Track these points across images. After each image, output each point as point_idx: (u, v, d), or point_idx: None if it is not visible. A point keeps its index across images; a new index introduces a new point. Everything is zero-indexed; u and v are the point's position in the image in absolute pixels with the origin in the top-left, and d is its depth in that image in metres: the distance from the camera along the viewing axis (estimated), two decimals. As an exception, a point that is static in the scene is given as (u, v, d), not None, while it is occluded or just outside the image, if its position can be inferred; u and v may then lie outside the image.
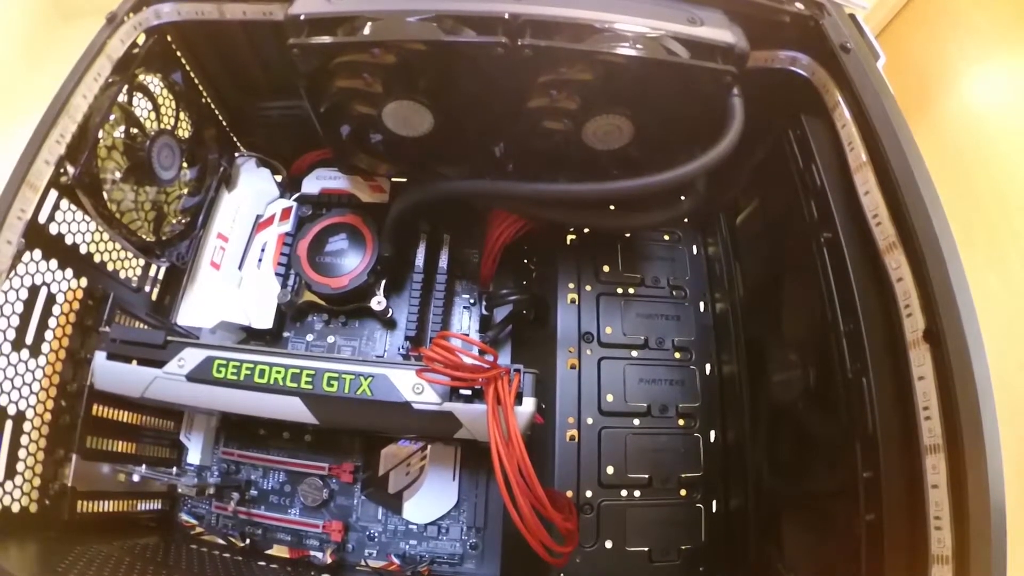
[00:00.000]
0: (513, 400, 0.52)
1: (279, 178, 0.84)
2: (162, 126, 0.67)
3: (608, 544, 0.65)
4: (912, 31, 1.20)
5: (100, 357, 0.58)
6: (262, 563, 0.65)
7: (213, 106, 0.77)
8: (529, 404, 0.56)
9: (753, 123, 0.56)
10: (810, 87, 0.58)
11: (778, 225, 0.67)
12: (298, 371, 0.56)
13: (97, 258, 0.63)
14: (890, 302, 0.46)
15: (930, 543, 0.40)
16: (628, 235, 0.79)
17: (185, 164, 0.72)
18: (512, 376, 0.54)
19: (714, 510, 0.68)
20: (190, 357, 0.57)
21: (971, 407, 0.39)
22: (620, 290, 0.76)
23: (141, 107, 0.65)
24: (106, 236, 0.64)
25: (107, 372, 0.58)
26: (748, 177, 0.71)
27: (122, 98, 0.61)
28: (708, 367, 0.74)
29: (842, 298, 0.52)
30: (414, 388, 0.55)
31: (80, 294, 0.60)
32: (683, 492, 0.68)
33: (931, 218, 0.43)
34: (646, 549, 0.65)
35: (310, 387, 0.55)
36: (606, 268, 0.77)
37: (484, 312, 0.78)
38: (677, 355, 0.74)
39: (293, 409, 0.56)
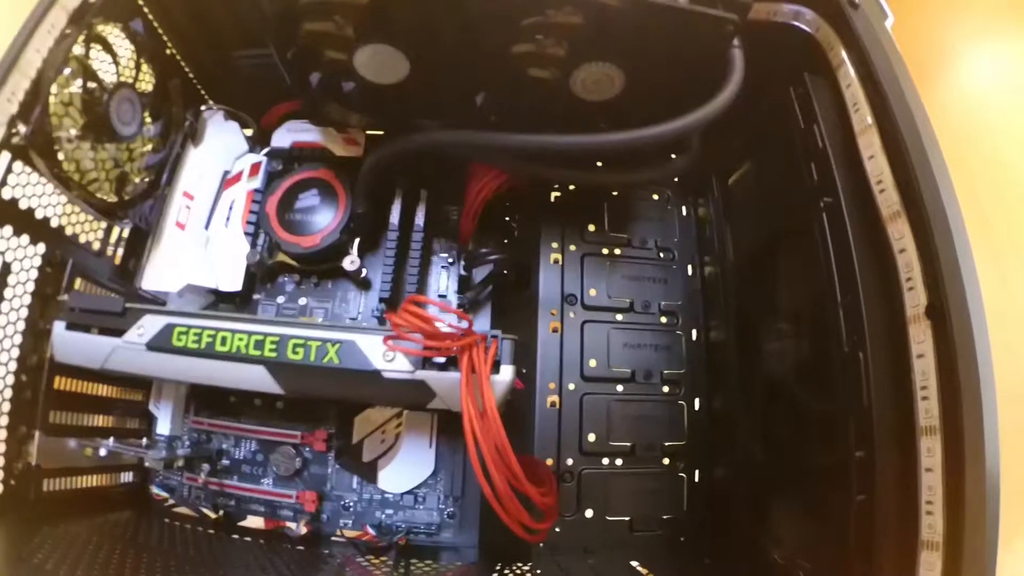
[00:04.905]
0: (489, 369, 0.50)
1: (249, 132, 0.79)
2: (121, 79, 0.63)
3: (589, 513, 0.64)
4: (906, 8, 1.15)
5: (59, 327, 0.55)
6: (236, 536, 0.64)
7: (178, 57, 0.71)
8: (507, 372, 0.52)
9: (753, 79, 0.53)
10: (814, 44, 0.54)
11: (774, 188, 0.63)
12: (262, 338, 0.53)
13: (55, 222, 0.59)
14: (891, 274, 0.44)
15: (920, 528, 0.38)
16: (615, 193, 0.75)
17: (148, 119, 0.67)
18: (489, 343, 0.51)
19: (697, 480, 0.67)
20: (149, 325, 0.54)
21: (972, 389, 0.37)
22: (606, 251, 0.73)
23: (99, 60, 0.60)
24: (63, 199, 0.59)
25: (66, 343, 0.55)
26: (745, 136, 0.67)
27: (78, 50, 0.56)
28: (695, 333, 0.72)
29: (840, 268, 0.50)
30: (384, 355, 0.52)
31: (38, 261, 0.56)
32: (666, 461, 0.67)
33: (939, 188, 0.41)
34: (627, 519, 0.65)
35: (274, 355, 0.52)
36: (592, 227, 0.73)
37: (463, 272, 0.75)
38: (663, 320, 0.71)
39: (258, 379, 0.53)
